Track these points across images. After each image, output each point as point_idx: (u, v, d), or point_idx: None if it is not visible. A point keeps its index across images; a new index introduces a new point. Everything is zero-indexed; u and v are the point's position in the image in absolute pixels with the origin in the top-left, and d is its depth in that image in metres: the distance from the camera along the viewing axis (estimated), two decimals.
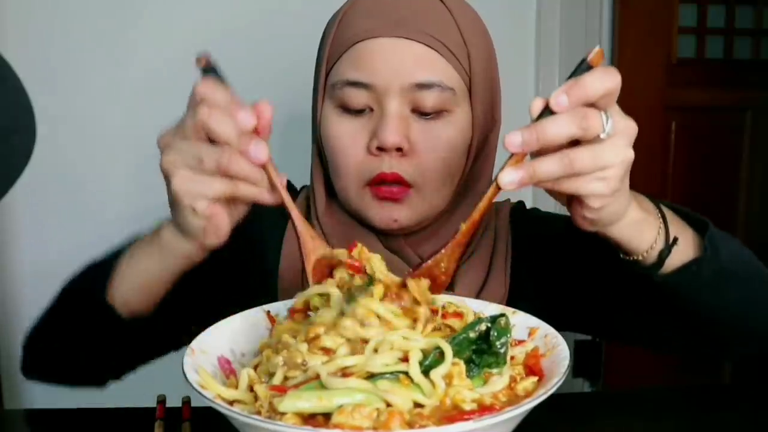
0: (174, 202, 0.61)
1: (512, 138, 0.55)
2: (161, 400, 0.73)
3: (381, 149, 0.78)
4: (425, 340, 0.54)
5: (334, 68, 0.81)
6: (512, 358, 0.59)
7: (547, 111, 0.56)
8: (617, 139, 0.57)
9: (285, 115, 1.57)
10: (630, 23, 1.82)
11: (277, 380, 0.54)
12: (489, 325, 0.57)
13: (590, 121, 0.55)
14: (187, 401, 0.72)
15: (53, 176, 1.52)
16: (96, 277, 0.72)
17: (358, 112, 0.80)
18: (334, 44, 0.82)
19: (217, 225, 0.61)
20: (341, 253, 0.62)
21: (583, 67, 0.57)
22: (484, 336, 0.56)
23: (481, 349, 0.56)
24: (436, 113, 0.79)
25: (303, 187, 0.96)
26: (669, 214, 0.69)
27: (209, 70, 0.62)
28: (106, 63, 1.55)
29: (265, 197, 0.61)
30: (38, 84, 0.70)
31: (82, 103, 1.55)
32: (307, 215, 0.89)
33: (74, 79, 1.54)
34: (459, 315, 0.60)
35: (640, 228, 0.66)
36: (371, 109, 0.79)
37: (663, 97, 1.88)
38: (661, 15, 1.86)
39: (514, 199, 0.97)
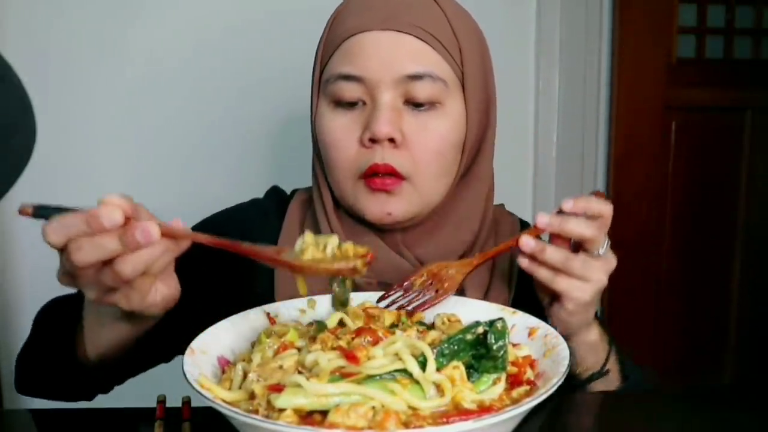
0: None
1: (542, 217, 0.72)
2: (161, 400, 0.73)
3: (373, 141, 0.78)
4: (406, 340, 0.55)
5: (328, 65, 0.83)
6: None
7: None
8: (603, 263, 0.72)
9: (285, 116, 1.58)
10: (630, 23, 1.81)
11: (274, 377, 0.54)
12: (486, 328, 0.57)
13: (601, 234, 0.71)
14: (187, 401, 0.72)
15: (53, 176, 1.52)
16: (65, 330, 0.77)
17: (351, 106, 0.80)
18: (327, 42, 0.84)
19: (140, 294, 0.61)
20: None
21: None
22: (482, 340, 0.56)
23: (480, 354, 0.56)
24: (429, 105, 0.80)
25: (294, 191, 0.95)
26: (613, 353, 0.81)
27: (39, 214, 0.59)
28: (106, 63, 1.55)
29: (172, 254, 0.61)
30: (38, 84, 0.70)
31: (82, 102, 1.55)
32: (305, 216, 0.90)
33: (75, 79, 1.54)
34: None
35: (591, 350, 0.79)
36: (364, 103, 0.80)
37: (663, 97, 1.87)
38: (661, 15, 1.86)
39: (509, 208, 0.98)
